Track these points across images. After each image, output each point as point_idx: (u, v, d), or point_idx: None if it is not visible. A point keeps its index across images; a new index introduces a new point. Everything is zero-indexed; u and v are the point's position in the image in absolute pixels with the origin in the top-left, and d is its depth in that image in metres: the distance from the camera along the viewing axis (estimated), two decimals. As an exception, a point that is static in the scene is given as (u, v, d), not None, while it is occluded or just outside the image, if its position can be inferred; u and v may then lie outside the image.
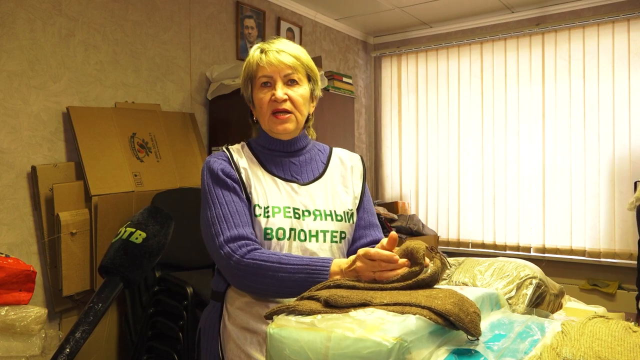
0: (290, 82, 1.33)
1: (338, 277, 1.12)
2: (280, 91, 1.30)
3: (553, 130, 4.16)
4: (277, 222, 1.27)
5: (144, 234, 1.01)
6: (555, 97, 4.15)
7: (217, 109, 3.42)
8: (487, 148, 4.46)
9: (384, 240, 1.11)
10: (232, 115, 3.32)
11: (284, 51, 1.32)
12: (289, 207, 1.30)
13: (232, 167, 1.33)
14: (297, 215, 1.30)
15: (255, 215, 1.28)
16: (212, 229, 1.26)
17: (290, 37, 4.08)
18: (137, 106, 2.99)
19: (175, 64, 3.27)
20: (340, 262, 1.17)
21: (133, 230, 1.01)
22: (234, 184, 1.30)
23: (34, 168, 2.54)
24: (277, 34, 3.97)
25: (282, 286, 1.18)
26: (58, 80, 2.68)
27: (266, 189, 1.31)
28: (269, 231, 1.26)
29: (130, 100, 3.01)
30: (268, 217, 1.27)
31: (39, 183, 2.53)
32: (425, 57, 4.80)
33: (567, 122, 4.11)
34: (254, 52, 1.35)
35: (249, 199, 1.30)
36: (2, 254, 2.08)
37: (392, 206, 4.47)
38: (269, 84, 1.32)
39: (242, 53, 3.70)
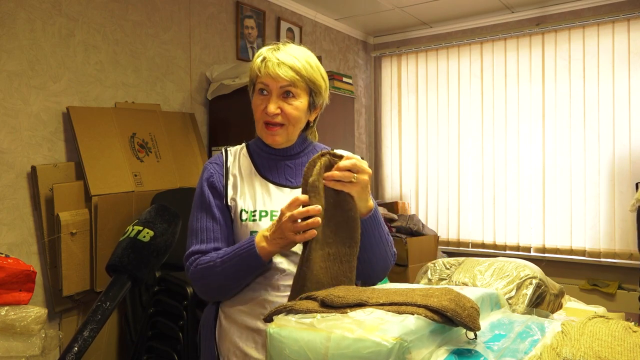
0: (287, 94, 1.31)
1: (264, 244, 1.18)
2: (273, 105, 1.29)
3: (553, 130, 4.16)
4: (263, 225, 1.28)
5: (151, 232, 1.01)
6: (555, 97, 4.15)
7: (217, 109, 3.42)
8: (487, 148, 4.46)
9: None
10: (232, 115, 3.32)
11: (284, 63, 1.28)
12: (276, 211, 1.31)
13: (222, 173, 1.36)
14: None
15: (242, 220, 1.31)
16: (187, 240, 1.35)
17: (290, 37, 4.08)
18: (137, 106, 2.99)
19: (175, 64, 3.27)
20: (262, 231, 1.22)
21: (141, 228, 1.01)
22: (212, 198, 1.34)
23: (34, 168, 2.54)
24: (277, 34, 3.97)
25: (226, 277, 1.24)
26: (58, 80, 2.68)
27: (256, 194, 1.33)
28: (254, 234, 1.28)
29: (130, 100, 3.01)
30: (255, 220, 1.30)
31: (39, 183, 2.52)
32: (425, 57, 4.80)
33: (567, 122, 4.11)
34: (257, 58, 1.34)
35: (229, 207, 1.33)
36: (2, 254, 2.08)
37: (392, 206, 4.47)
38: (266, 93, 1.32)
39: (242, 53, 3.70)
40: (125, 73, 2.99)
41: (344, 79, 3.82)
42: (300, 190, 1.35)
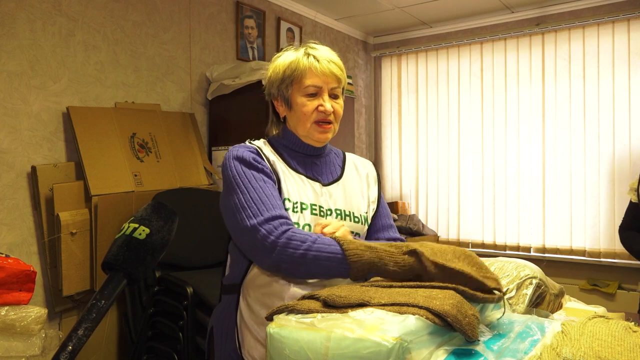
0: (333, 95, 1.36)
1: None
2: (329, 104, 1.33)
3: (553, 130, 4.16)
4: (306, 217, 1.28)
5: (147, 230, 1.01)
6: (555, 97, 4.15)
7: (217, 109, 3.42)
8: (487, 148, 4.46)
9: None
10: (232, 115, 3.32)
11: (334, 62, 1.34)
12: (315, 205, 1.31)
13: (262, 157, 1.32)
14: (322, 213, 1.32)
15: (285, 209, 1.26)
16: (244, 213, 1.20)
17: (291, 37, 4.08)
18: (137, 106, 2.99)
19: (175, 64, 3.27)
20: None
21: (136, 225, 1.00)
22: (266, 170, 1.29)
23: (34, 168, 2.54)
24: (277, 34, 3.97)
25: (313, 265, 1.14)
26: (58, 80, 2.68)
27: (294, 184, 1.32)
28: (296, 225, 1.26)
29: (130, 100, 3.01)
30: (296, 212, 1.28)
31: (39, 183, 2.53)
32: (425, 57, 4.80)
33: (567, 122, 4.11)
34: (304, 57, 1.34)
35: (279, 190, 1.29)
36: (2, 254, 2.08)
37: (392, 206, 4.47)
38: (316, 94, 1.33)
39: (242, 53, 3.70)
40: (125, 73, 2.99)
41: (344, 79, 3.82)
42: (330, 187, 1.37)
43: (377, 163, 5.08)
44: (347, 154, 1.53)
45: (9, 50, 2.49)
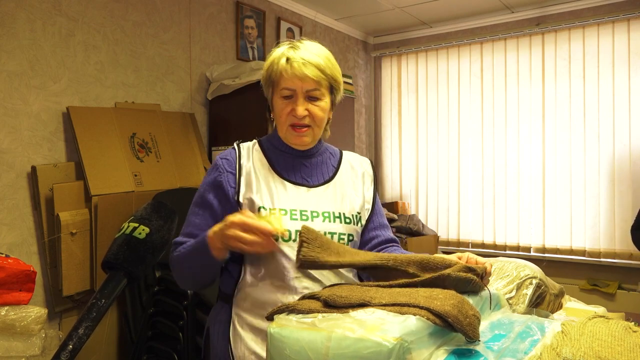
0: (313, 96, 1.31)
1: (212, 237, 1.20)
2: (301, 108, 1.29)
3: (553, 130, 4.16)
4: (283, 224, 1.26)
5: (147, 229, 1.01)
6: (555, 97, 4.15)
7: (217, 109, 3.42)
8: (487, 148, 4.46)
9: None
10: (232, 115, 3.32)
11: (310, 62, 1.28)
12: (295, 210, 1.29)
13: (234, 171, 1.33)
14: (304, 217, 1.29)
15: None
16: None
17: (290, 37, 4.08)
18: (137, 106, 2.99)
19: (175, 64, 3.27)
20: (214, 227, 1.23)
21: (136, 225, 1.01)
22: (213, 198, 1.33)
23: (34, 168, 2.54)
24: (277, 34, 3.97)
25: (191, 267, 1.29)
26: (58, 80, 2.68)
27: (273, 191, 1.31)
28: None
29: (130, 100, 3.01)
30: None
31: (39, 183, 2.53)
32: (425, 57, 4.80)
33: (567, 122, 4.11)
34: (280, 59, 1.31)
35: (240, 204, 1.30)
36: (2, 254, 2.08)
37: (392, 206, 4.47)
38: (291, 97, 1.30)
39: (242, 53, 3.70)
40: (125, 73, 2.99)
41: (344, 79, 3.81)
42: (317, 189, 1.35)
43: (377, 163, 5.08)
44: (344, 152, 1.50)
45: (9, 50, 2.49)
